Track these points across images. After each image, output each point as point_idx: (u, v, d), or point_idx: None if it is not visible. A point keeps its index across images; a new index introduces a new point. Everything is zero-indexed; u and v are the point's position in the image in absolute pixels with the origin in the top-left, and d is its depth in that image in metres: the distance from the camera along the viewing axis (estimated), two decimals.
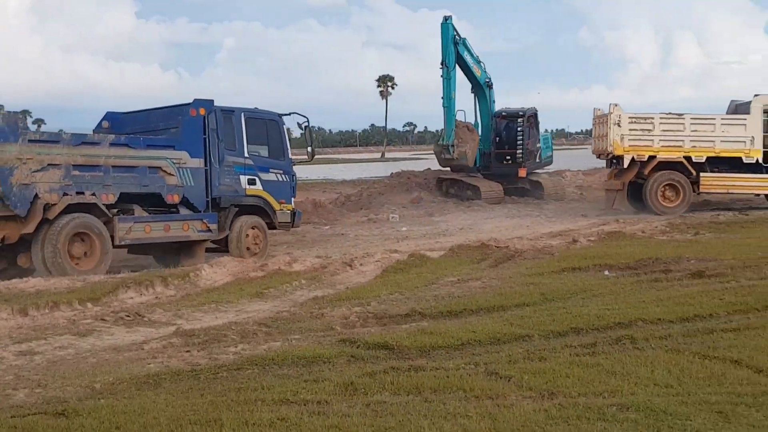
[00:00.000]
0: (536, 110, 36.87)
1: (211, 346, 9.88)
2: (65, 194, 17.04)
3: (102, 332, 11.27)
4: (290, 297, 13.78)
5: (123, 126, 19.92)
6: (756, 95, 28.47)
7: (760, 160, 27.95)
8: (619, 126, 28.51)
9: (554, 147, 41.72)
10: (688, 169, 28.33)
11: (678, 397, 7.18)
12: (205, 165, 19.02)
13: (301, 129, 22.06)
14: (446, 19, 33.46)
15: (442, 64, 32.93)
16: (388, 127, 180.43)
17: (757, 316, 10.34)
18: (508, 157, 36.21)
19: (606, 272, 14.29)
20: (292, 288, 14.51)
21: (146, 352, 9.85)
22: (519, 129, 36.28)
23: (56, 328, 11.44)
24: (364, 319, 11.27)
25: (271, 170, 20.41)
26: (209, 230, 18.97)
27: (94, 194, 17.41)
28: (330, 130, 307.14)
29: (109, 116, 20.52)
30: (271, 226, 20.47)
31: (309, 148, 22.56)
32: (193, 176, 18.74)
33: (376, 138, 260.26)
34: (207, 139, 19.03)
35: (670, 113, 29.04)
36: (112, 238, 17.57)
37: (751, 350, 8.53)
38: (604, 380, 7.73)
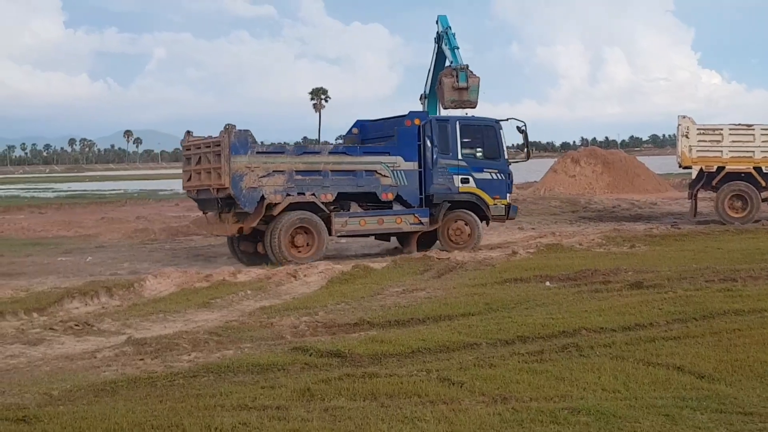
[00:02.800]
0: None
1: (164, 355, 9.97)
2: (288, 195, 20.50)
3: (52, 341, 11.29)
4: (237, 307, 13.85)
5: (368, 132, 23.73)
6: None
7: None
8: (687, 137, 28.40)
9: None
10: (757, 180, 28.17)
11: (626, 401, 7.43)
12: (420, 167, 21.95)
13: (520, 132, 23.44)
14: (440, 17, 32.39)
15: (445, 31, 31.04)
16: (321, 139, 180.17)
17: (695, 324, 10.66)
18: None
19: (547, 283, 14.58)
20: (238, 298, 14.58)
21: (99, 360, 9.92)
22: None
23: (5, 338, 11.46)
24: (314, 328, 11.43)
25: (485, 170, 22.68)
26: (420, 223, 21.85)
27: (313, 194, 20.75)
28: (262, 142, 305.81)
29: (359, 123, 23.98)
30: (487, 219, 22.92)
31: (525, 149, 24.86)
32: (406, 177, 21.72)
33: None
34: (422, 145, 21.98)
35: (739, 124, 28.80)
36: (330, 230, 20.89)
37: (692, 357, 8.83)
38: (553, 386, 7.98)
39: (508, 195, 23.07)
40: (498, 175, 22.72)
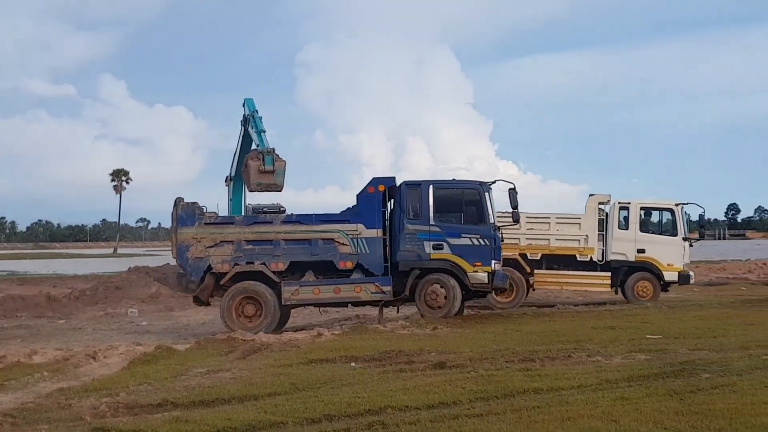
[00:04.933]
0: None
1: None
2: (236, 264, 21.44)
3: None
4: (33, 389, 13.27)
5: None
6: (591, 195, 29.16)
7: (594, 258, 28.72)
8: None
9: None
10: (523, 266, 28.81)
11: None
12: (384, 234, 21.81)
13: (511, 193, 22.66)
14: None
15: (252, 114, 29.74)
16: (121, 222, 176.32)
17: (497, 402, 10.87)
18: None
19: (353, 363, 14.63)
20: (34, 380, 13.97)
21: None
22: None
23: None
24: (115, 409, 11.08)
25: (463, 235, 22.11)
26: (382, 292, 21.65)
27: (263, 263, 21.43)
28: (59, 224, 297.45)
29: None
30: (467, 288, 22.15)
31: (513, 212, 23.33)
32: (368, 245, 21.69)
33: (108, 233, 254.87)
34: (387, 211, 22.13)
35: (504, 212, 29.60)
36: (280, 299, 21.24)
37: None
38: None
39: (493, 262, 22.21)
40: (480, 240, 22.08)
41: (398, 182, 22.71)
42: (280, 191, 25.25)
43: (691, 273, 28.97)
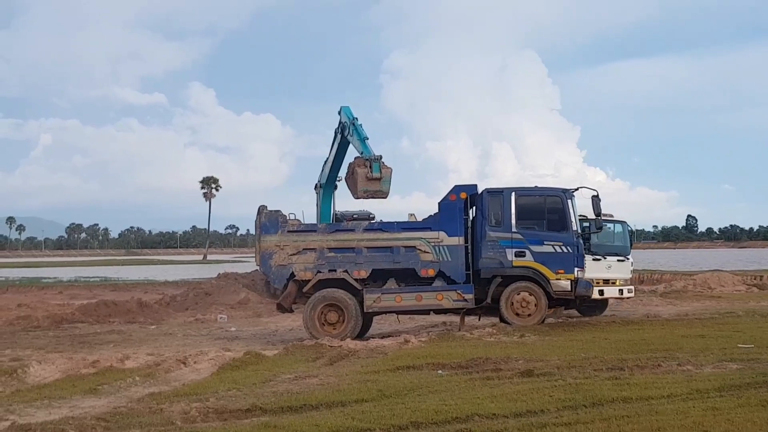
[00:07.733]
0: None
1: None
2: (318, 272, 21.61)
3: None
4: (125, 393, 13.52)
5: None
6: None
7: None
8: None
9: None
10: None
11: None
12: (465, 242, 21.79)
13: (594, 200, 22.49)
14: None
15: (352, 122, 29.20)
16: (210, 229, 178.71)
17: (585, 411, 10.76)
18: None
19: (440, 371, 14.61)
20: (126, 384, 14.24)
21: None
22: None
23: None
24: (205, 414, 11.21)
25: (545, 242, 22.03)
26: (464, 300, 21.75)
27: (346, 271, 21.57)
28: (150, 231, 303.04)
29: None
30: (549, 296, 22.00)
31: (596, 219, 23.02)
32: (450, 252, 21.70)
33: (198, 240, 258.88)
34: (469, 219, 22.08)
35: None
36: (362, 307, 21.45)
37: None
38: None
39: (576, 269, 22.08)
40: (563, 248, 21.98)
41: (480, 189, 22.69)
42: (385, 198, 25.16)
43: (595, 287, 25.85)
